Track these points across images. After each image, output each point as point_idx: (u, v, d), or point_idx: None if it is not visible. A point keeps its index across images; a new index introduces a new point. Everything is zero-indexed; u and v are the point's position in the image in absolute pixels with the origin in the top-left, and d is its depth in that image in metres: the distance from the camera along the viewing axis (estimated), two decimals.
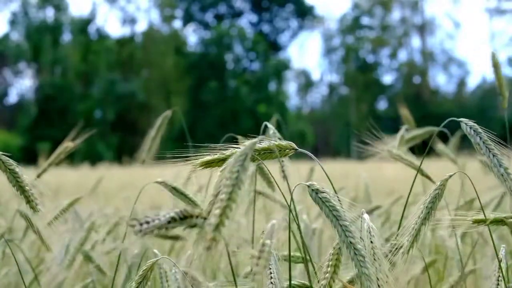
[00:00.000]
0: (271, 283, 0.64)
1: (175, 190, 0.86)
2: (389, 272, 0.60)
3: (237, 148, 0.64)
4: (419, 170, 1.05)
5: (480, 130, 0.70)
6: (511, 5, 27.78)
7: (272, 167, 0.79)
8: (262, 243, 0.53)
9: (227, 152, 0.65)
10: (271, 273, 0.65)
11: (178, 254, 1.40)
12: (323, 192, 0.62)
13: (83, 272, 1.37)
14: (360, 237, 0.60)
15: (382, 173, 4.54)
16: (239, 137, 0.92)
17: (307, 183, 0.62)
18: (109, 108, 23.02)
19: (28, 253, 1.37)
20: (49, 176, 1.20)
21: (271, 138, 0.72)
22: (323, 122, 26.61)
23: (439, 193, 0.72)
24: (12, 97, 26.83)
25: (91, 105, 23.68)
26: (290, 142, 0.67)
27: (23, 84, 28.24)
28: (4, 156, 0.72)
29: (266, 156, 0.66)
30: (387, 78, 31.10)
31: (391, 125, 1.31)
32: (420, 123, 1.40)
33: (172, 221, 0.45)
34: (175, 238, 1.10)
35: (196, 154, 0.66)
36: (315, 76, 37.77)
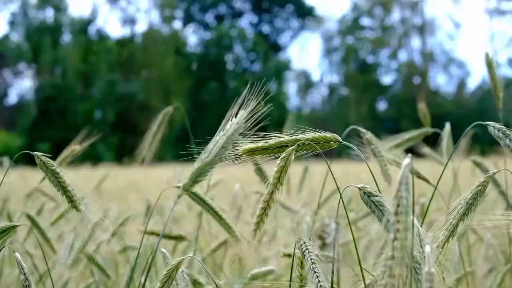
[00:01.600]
0: (320, 286, 0.63)
1: (194, 195, 0.84)
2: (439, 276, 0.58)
3: (281, 137, 0.63)
4: (415, 172, 1.05)
5: (508, 132, 0.70)
6: (511, 5, 27.79)
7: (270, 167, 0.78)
8: (429, 273, 0.48)
9: (271, 141, 0.64)
10: (317, 276, 0.63)
11: (184, 254, 1.41)
12: (376, 196, 0.60)
13: (88, 271, 1.37)
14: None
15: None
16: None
17: (359, 186, 0.61)
18: (109, 108, 23.01)
19: (33, 252, 1.38)
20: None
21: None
22: (323, 123, 26.61)
23: (481, 189, 0.71)
24: (12, 98, 26.82)
25: (91, 106, 23.67)
26: (334, 134, 0.66)
27: (23, 85, 28.23)
28: (44, 157, 0.73)
29: (309, 148, 0.65)
30: (387, 79, 31.10)
31: (391, 125, 1.30)
32: (420, 123, 1.39)
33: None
34: (179, 238, 1.11)
35: (199, 153, 0.65)
36: (315, 76, 37.75)
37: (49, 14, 25.34)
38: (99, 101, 23.51)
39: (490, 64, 1.06)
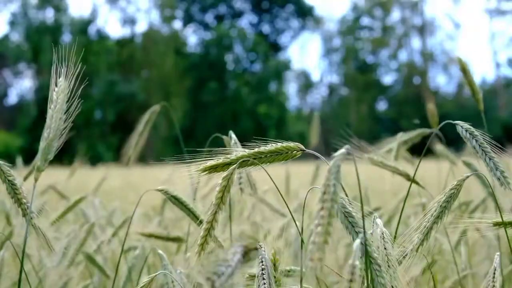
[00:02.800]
0: None
1: (174, 199, 0.84)
2: (403, 279, 0.58)
3: (241, 151, 0.63)
4: (406, 175, 1.05)
5: (476, 133, 0.70)
6: (511, 5, 27.78)
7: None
8: (352, 265, 0.50)
9: (232, 157, 0.63)
10: (264, 283, 0.62)
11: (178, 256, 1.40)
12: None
13: (87, 272, 1.37)
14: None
15: (380, 174, 4.53)
16: (224, 138, 0.91)
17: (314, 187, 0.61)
18: (109, 108, 23.01)
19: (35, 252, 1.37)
20: (48, 177, 1.20)
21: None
22: (323, 123, 26.58)
23: (455, 192, 0.71)
24: (12, 98, 26.83)
25: (91, 106, 23.67)
26: (297, 143, 0.65)
27: (23, 85, 28.23)
28: (5, 166, 0.70)
29: (273, 159, 0.64)
30: (387, 79, 31.10)
31: (391, 126, 1.29)
32: (420, 123, 1.39)
33: (240, 263, 0.44)
34: (176, 240, 1.11)
35: (196, 156, 0.64)
36: (315, 77, 37.78)
37: (49, 14, 25.36)
38: (99, 101, 23.51)
39: (464, 69, 1.06)
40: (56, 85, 0.62)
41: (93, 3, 38.53)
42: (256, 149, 0.64)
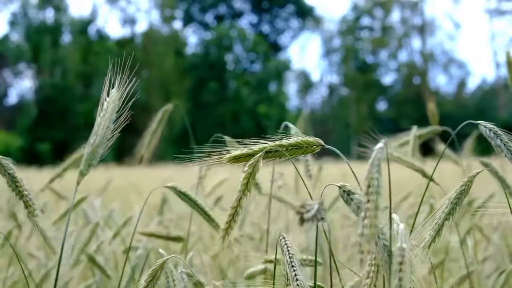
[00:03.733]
0: (297, 285, 0.63)
1: (184, 196, 0.85)
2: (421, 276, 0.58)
3: (264, 143, 0.64)
4: (422, 172, 1.06)
5: (500, 132, 0.70)
6: (511, 5, 27.77)
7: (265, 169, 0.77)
8: (401, 248, 0.51)
9: (255, 148, 0.64)
10: (295, 274, 0.63)
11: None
12: (356, 194, 0.60)
13: (89, 272, 1.37)
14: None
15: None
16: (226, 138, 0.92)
17: (339, 184, 0.61)
18: None
19: (36, 252, 1.38)
20: (48, 177, 1.20)
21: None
22: (323, 123, 26.60)
23: (465, 189, 0.72)
24: (12, 98, 26.83)
25: (91, 106, 23.66)
26: (316, 138, 0.66)
27: (23, 85, 28.21)
28: (4, 159, 0.71)
29: (293, 153, 0.65)
30: (387, 79, 31.10)
31: (391, 126, 1.29)
32: (420, 123, 1.39)
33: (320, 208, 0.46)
34: (177, 239, 1.11)
35: (197, 156, 0.65)
36: (315, 77, 37.78)
37: (49, 14, 25.36)
38: (99, 101, 23.49)
39: (511, 64, 1.05)
40: (108, 95, 0.64)
41: (93, 3, 38.56)
42: (278, 142, 0.65)
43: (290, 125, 0.89)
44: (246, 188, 0.64)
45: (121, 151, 1.23)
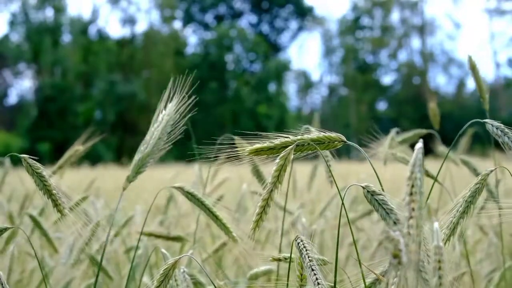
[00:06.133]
0: (318, 283, 0.63)
1: (191, 196, 0.84)
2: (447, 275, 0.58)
3: (285, 137, 0.64)
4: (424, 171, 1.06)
5: (507, 130, 0.70)
6: (511, 5, 27.78)
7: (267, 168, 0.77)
8: (437, 247, 0.51)
9: (276, 141, 0.64)
10: (316, 278, 0.63)
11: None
12: (380, 194, 0.60)
13: (91, 271, 1.37)
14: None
15: (380, 173, 4.54)
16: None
17: (363, 185, 0.61)
18: (109, 109, 23.01)
19: (38, 251, 1.37)
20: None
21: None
22: (323, 123, 26.53)
23: (480, 187, 0.72)
24: (12, 98, 26.85)
25: (91, 106, 23.67)
26: (339, 134, 0.66)
27: (23, 85, 28.26)
28: (31, 159, 0.72)
29: (314, 148, 0.65)
30: (387, 79, 31.12)
31: (390, 126, 1.30)
32: (420, 123, 1.40)
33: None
34: (177, 239, 1.11)
35: (198, 152, 0.65)
36: (315, 77, 37.78)
37: (49, 14, 25.35)
38: (99, 102, 23.52)
39: (473, 67, 1.06)
40: (164, 108, 0.67)
41: (94, 3, 38.55)
42: (299, 136, 0.65)
43: (311, 127, 0.89)
44: (277, 180, 0.63)
45: (122, 150, 1.23)
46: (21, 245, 1.37)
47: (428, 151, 1.42)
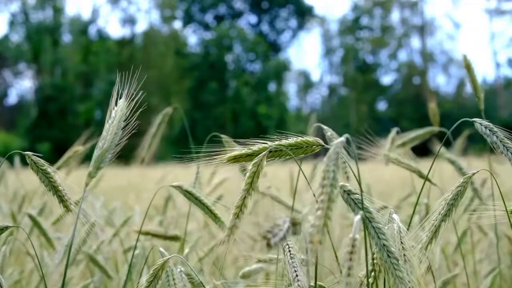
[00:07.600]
0: (298, 286, 0.63)
1: (189, 195, 0.85)
2: (420, 275, 0.59)
3: (263, 143, 0.64)
4: (419, 173, 1.06)
5: (496, 129, 0.70)
6: (511, 5, 27.79)
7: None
8: (353, 238, 0.51)
9: (254, 148, 0.65)
10: (297, 274, 0.64)
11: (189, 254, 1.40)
12: (356, 194, 0.61)
13: (89, 270, 1.37)
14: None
15: (380, 174, 4.55)
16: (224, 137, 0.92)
17: (340, 184, 0.61)
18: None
19: (37, 251, 1.37)
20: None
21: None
22: (323, 123, 26.52)
23: (462, 190, 0.71)
24: (12, 98, 26.83)
25: (91, 106, 23.68)
26: (316, 138, 0.66)
27: (23, 85, 28.25)
28: (36, 156, 0.73)
29: (293, 153, 0.65)
30: (387, 79, 31.13)
31: (390, 126, 1.30)
32: (420, 123, 1.39)
33: (289, 230, 0.46)
34: (174, 238, 1.11)
35: (198, 154, 0.65)
36: (314, 77, 37.78)
37: (49, 14, 25.35)
38: (99, 102, 23.52)
39: (468, 66, 1.06)
40: (116, 104, 0.69)
41: (94, 3, 38.55)
42: (277, 142, 0.65)
43: (324, 126, 0.89)
44: (250, 187, 0.64)
45: (121, 150, 1.23)
46: (20, 245, 1.37)
47: (428, 151, 1.42)
